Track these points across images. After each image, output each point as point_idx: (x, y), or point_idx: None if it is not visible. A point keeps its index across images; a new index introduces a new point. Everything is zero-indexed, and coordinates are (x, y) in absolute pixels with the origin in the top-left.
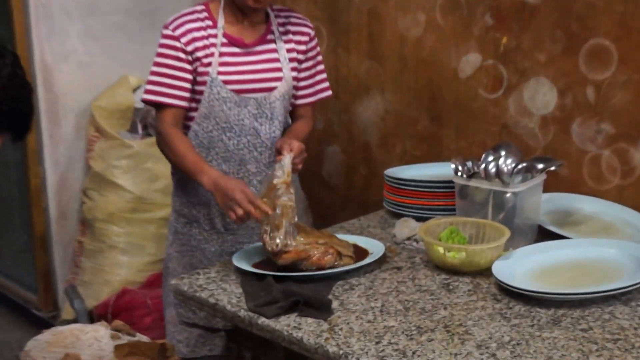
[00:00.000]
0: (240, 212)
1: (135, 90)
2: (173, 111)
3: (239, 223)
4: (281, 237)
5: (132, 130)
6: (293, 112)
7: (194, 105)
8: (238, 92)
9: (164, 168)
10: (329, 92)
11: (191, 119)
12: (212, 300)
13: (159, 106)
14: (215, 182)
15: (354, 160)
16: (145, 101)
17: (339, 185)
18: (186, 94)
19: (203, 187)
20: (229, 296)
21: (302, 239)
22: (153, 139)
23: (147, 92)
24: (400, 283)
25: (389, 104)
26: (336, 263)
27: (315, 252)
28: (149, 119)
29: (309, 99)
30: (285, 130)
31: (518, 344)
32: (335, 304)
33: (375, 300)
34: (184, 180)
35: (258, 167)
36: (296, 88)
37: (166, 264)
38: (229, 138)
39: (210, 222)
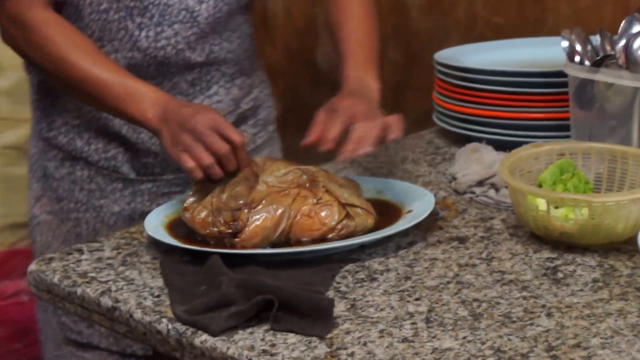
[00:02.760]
0: (207, 159)
1: None
2: None
3: (200, 178)
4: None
5: None
6: None
7: None
8: None
9: (11, 55)
10: None
11: None
12: (106, 301)
13: None
14: (164, 106)
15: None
16: None
17: None
18: None
19: (141, 123)
20: (140, 294)
21: (270, 178)
22: None
23: None
24: (464, 267)
25: None
26: (340, 228)
27: (298, 207)
28: None
29: None
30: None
31: None
32: (340, 308)
33: (417, 300)
34: (59, 82)
35: (198, 89)
36: None
37: (31, 235)
38: (140, 27)
39: (110, 160)
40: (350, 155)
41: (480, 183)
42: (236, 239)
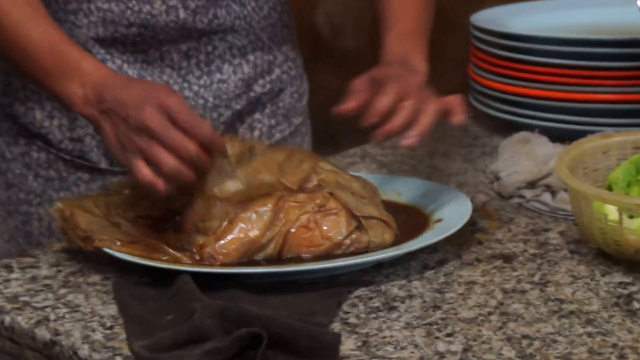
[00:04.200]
0: (169, 163)
1: None
2: None
3: (163, 190)
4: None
5: None
6: None
7: None
8: None
9: None
10: None
11: None
12: (43, 334)
13: None
14: (98, 88)
15: None
16: None
17: (359, 51)
18: None
19: (71, 105)
20: (87, 324)
21: (264, 175)
22: None
23: None
24: (511, 294)
25: None
26: (348, 243)
27: (292, 216)
28: None
29: None
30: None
31: None
32: (348, 345)
33: (449, 335)
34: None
35: (194, 62)
36: None
37: None
38: None
39: (76, 142)
40: (413, 142)
41: (531, 184)
42: (207, 250)
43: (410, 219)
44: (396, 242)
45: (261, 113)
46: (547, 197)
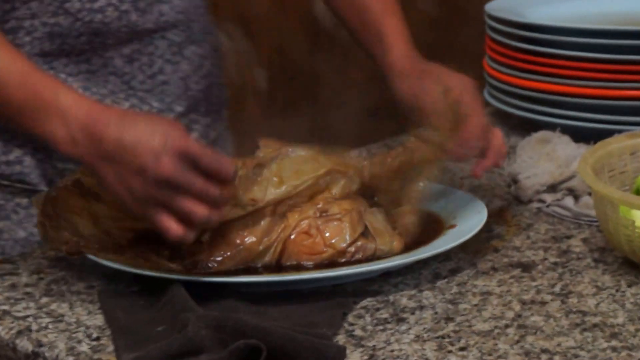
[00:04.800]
0: (200, 212)
1: None
2: None
3: (190, 239)
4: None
5: None
6: None
7: None
8: None
9: None
10: None
11: None
12: (25, 345)
13: None
14: (87, 127)
15: None
16: None
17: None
18: None
19: (55, 146)
20: (71, 335)
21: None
22: None
23: None
24: (530, 305)
25: None
26: (353, 251)
27: (293, 222)
28: None
29: None
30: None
31: None
32: (353, 359)
33: (462, 349)
34: None
35: (137, 66)
36: None
37: None
38: None
39: (13, 165)
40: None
41: (552, 188)
42: (199, 258)
43: (421, 225)
44: (406, 249)
45: (197, 112)
46: (569, 201)
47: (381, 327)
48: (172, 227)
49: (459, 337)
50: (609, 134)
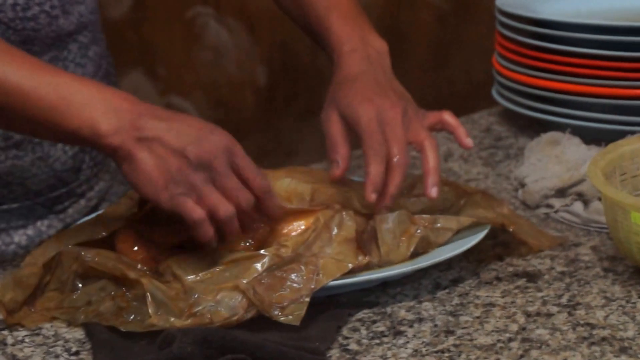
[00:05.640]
0: (226, 208)
1: None
2: None
3: (209, 238)
4: None
5: None
6: None
7: None
8: None
9: None
10: None
11: None
12: None
13: None
14: (130, 113)
15: None
16: None
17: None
18: None
19: (89, 140)
20: (49, 349)
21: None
22: None
23: None
24: (535, 318)
25: None
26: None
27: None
28: None
29: None
30: None
31: None
32: None
33: None
34: None
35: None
36: None
37: None
38: None
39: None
40: (436, 193)
41: (561, 192)
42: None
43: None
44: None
45: None
46: (578, 207)
47: (377, 341)
48: (198, 212)
49: (460, 352)
50: (621, 135)
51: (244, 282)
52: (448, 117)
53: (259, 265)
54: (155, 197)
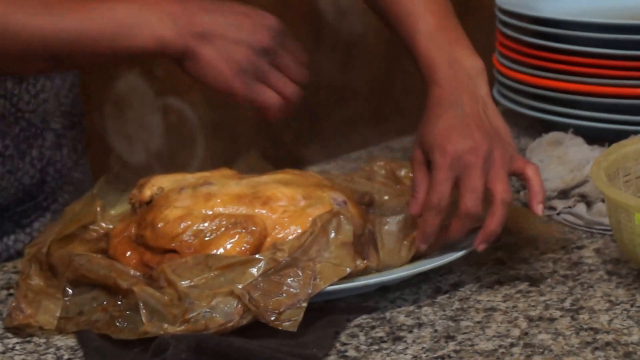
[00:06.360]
0: (290, 83)
1: None
2: None
3: (279, 114)
4: None
5: None
6: None
7: None
8: None
9: None
10: None
11: None
12: None
13: None
14: (181, 11)
15: None
16: None
17: (367, 38)
18: None
19: (152, 50)
20: (40, 357)
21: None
22: None
23: None
24: (537, 322)
25: None
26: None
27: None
28: None
29: None
30: None
31: None
32: None
33: None
34: None
35: (24, 87)
36: None
37: None
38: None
39: None
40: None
41: (563, 194)
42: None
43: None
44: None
45: (72, 129)
46: (581, 208)
47: (376, 347)
48: (271, 95)
49: (460, 357)
50: (624, 135)
51: (239, 287)
52: (532, 174)
53: (254, 270)
54: (228, 88)
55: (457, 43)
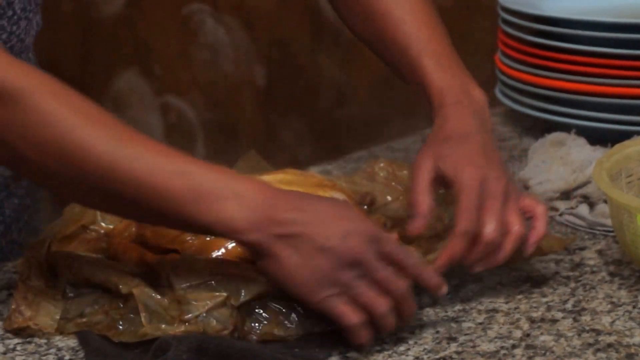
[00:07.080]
0: (383, 304)
1: None
2: None
3: (365, 341)
4: None
5: None
6: None
7: None
8: None
9: None
10: None
11: None
12: None
13: None
14: (269, 210)
15: None
16: None
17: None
18: None
19: (220, 232)
20: (41, 358)
21: None
22: None
23: None
24: (539, 324)
25: None
26: None
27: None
28: None
29: None
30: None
31: None
32: None
33: None
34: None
35: None
36: None
37: None
38: None
39: None
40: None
41: (565, 195)
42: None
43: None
44: None
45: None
46: (583, 209)
47: (378, 348)
48: (350, 313)
49: (462, 359)
50: (627, 135)
51: (232, 303)
52: (541, 214)
53: (250, 291)
54: (306, 298)
55: (464, 73)
